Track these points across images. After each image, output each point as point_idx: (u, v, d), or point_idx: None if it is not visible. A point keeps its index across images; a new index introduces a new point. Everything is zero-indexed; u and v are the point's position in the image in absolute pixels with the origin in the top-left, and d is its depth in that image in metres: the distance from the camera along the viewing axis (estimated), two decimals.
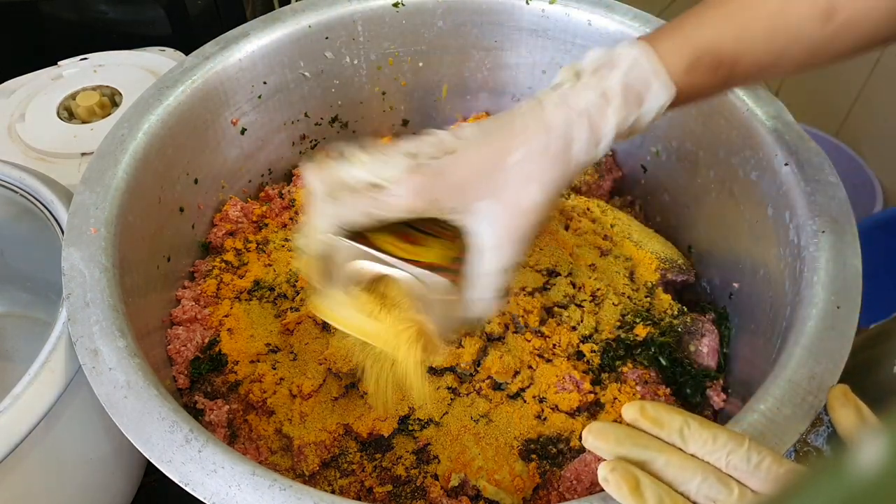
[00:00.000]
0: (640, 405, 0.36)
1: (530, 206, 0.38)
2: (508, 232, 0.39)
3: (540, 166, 0.39)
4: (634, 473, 0.34)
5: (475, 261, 0.39)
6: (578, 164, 0.40)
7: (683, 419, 0.35)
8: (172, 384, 0.52)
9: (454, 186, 0.39)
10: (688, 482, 0.34)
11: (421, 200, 0.38)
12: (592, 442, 0.35)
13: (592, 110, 0.39)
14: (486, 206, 0.38)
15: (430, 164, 0.39)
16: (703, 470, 0.34)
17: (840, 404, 0.38)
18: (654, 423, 0.35)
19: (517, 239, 0.39)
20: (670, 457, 0.34)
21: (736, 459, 0.34)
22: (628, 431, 0.35)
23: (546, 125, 0.39)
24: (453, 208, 0.39)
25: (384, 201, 0.39)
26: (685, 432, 0.35)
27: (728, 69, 0.41)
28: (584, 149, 0.39)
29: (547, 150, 0.39)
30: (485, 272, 0.39)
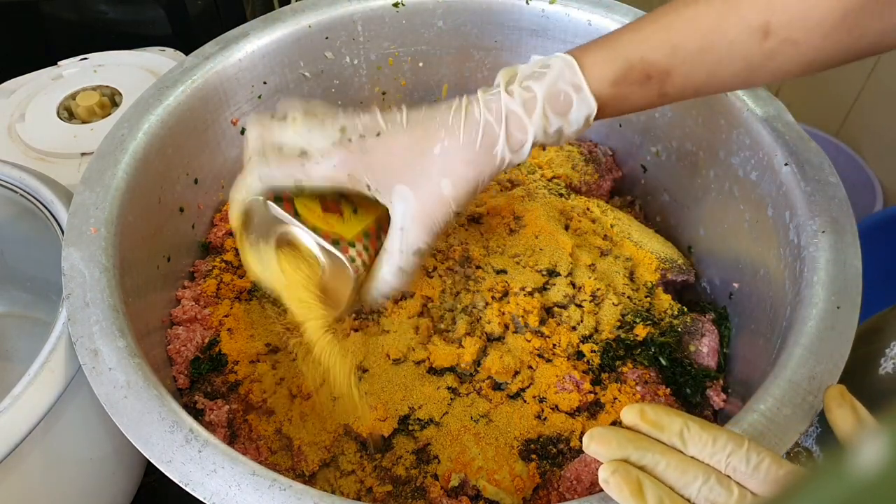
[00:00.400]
0: (640, 408, 0.36)
1: (446, 196, 0.41)
2: (422, 218, 0.41)
3: (460, 160, 0.41)
4: (635, 475, 0.34)
5: (390, 238, 0.43)
6: (501, 161, 0.42)
7: (683, 421, 0.35)
8: (172, 384, 0.52)
9: (376, 167, 0.41)
10: (689, 484, 0.34)
11: (343, 175, 0.42)
12: (594, 448, 0.35)
13: (513, 117, 0.41)
14: (404, 190, 0.41)
15: (357, 142, 0.42)
16: (704, 472, 0.34)
17: (837, 405, 0.38)
18: (653, 426, 0.36)
19: (430, 225, 0.42)
20: (671, 459, 0.34)
21: (736, 461, 0.34)
22: (629, 435, 0.35)
23: (470, 125, 0.41)
24: (374, 186, 0.42)
25: (309, 169, 0.42)
26: (685, 435, 0.35)
27: (658, 82, 0.42)
28: (505, 150, 0.42)
29: (467, 148, 0.41)
30: (396, 250, 0.43)
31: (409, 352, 0.52)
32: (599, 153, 0.71)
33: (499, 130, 0.41)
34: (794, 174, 0.51)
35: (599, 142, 0.72)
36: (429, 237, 0.42)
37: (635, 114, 0.67)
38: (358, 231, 0.45)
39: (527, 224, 0.58)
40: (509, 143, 0.42)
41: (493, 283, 0.54)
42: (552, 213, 0.59)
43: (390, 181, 0.42)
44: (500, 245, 0.58)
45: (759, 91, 0.57)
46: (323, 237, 0.43)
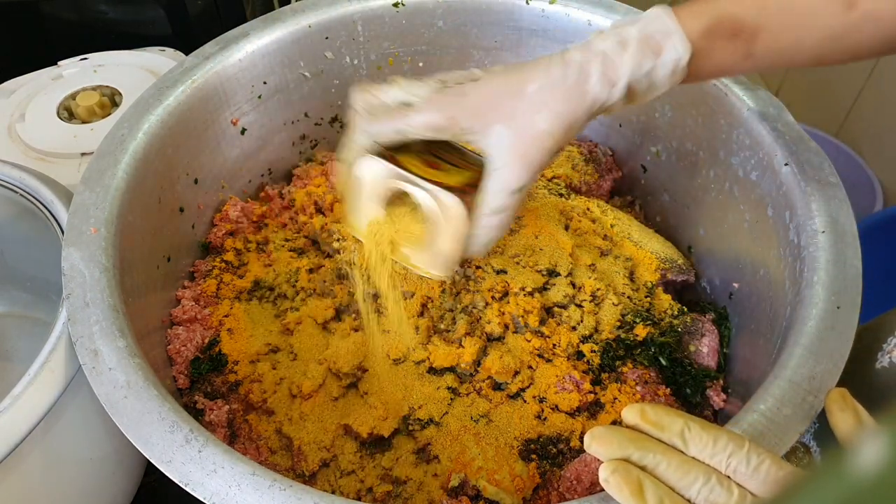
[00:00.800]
0: (641, 408, 0.36)
1: (542, 131, 0.41)
2: (520, 153, 0.41)
3: (554, 96, 0.41)
4: (636, 475, 0.34)
5: (487, 180, 0.42)
6: (595, 100, 0.42)
7: (684, 422, 0.35)
8: (172, 384, 0.52)
9: (473, 107, 0.42)
10: (689, 485, 0.34)
11: (442, 117, 0.42)
12: (596, 448, 0.35)
13: (609, 52, 0.42)
14: (501, 128, 0.41)
15: (454, 88, 0.43)
16: (705, 472, 0.34)
17: (838, 408, 0.38)
18: (655, 426, 0.36)
19: (527, 162, 0.42)
20: (671, 459, 0.34)
21: (736, 462, 0.34)
22: (630, 435, 0.35)
23: (564, 62, 0.42)
24: (471, 128, 0.42)
25: (412, 118, 0.43)
26: (686, 435, 0.35)
27: (746, 41, 0.42)
28: (600, 86, 0.42)
29: (562, 83, 0.42)
30: (494, 190, 0.42)
31: (409, 352, 0.52)
32: (599, 153, 0.71)
33: (592, 68, 0.42)
34: (794, 174, 0.51)
35: (599, 142, 0.72)
36: (526, 174, 0.42)
37: (635, 114, 0.67)
38: (461, 181, 0.45)
39: (527, 224, 0.58)
40: (604, 78, 0.42)
41: (493, 283, 0.54)
42: (552, 213, 0.59)
43: (486, 120, 0.42)
44: (500, 245, 0.58)
45: (759, 91, 0.57)
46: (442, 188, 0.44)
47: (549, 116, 0.41)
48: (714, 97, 0.59)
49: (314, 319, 0.56)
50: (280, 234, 0.63)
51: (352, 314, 0.56)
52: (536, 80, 0.42)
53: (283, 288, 0.58)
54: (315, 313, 0.56)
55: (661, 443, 0.35)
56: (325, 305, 0.56)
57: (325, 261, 0.60)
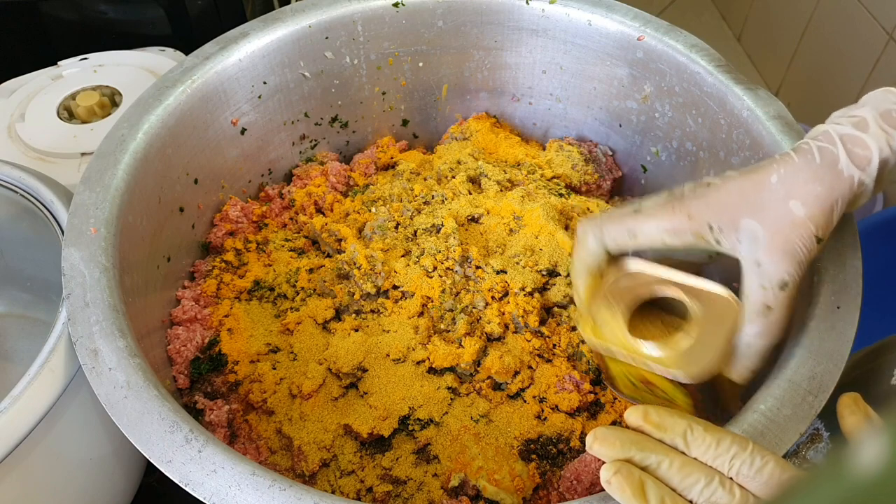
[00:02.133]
0: (644, 410, 0.36)
1: (798, 218, 0.38)
2: (779, 245, 0.39)
3: (802, 181, 0.39)
4: (638, 476, 0.34)
5: (748, 280, 0.39)
6: (852, 180, 0.39)
7: (687, 423, 0.35)
8: (172, 384, 0.52)
9: (715, 204, 0.40)
10: (691, 486, 0.34)
11: (680, 217, 0.40)
12: (598, 448, 0.35)
13: (848, 137, 0.39)
14: (751, 222, 0.39)
15: (689, 193, 0.41)
16: (707, 474, 0.34)
17: (850, 412, 0.37)
18: (657, 428, 0.35)
19: (788, 252, 0.39)
20: (673, 460, 0.34)
21: (739, 463, 0.34)
22: (632, 436, 0.35)
23: (802, 151, 0.40)
24: (716, 226, 0.40)
25: (643, 220, 0.41)
26: (689, 437, 0.35)
27: None
28: (851, 167, 0.39)
29: (808, 166, 0.39)
30: (756, 287, 0.39)
31: (409, 352, 0.52)
32: (599, 153, 0.71)
33: (836, 150, 0.39)
34: None
35: (599, 142, 0.72)
36: (791, 266, 0.38)
37: (635, 114, 0.67)
38: None
39: (527, 224, 0.58)
40: (853, 161, 0.39)
41: (493, 283, 0.54)
42: (552, 213, 0.59)
43: (732, 215, 0.39)
44: (500, 245, 0.58)
45: (759, 91, 0.57)
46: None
47: (803, 201, 0.38)
48: (714, 97, 0.59)
49: (314, 319, 0.56)
50: (280, 234, 0.63)
51: (352, 314, 0.56)
52: (777, 171, 0.40)
53: (283, 288, 0.58)
54: (315, 313, 0.56)
55: (663, 444, 0.35)
56: (325, 305, 0.56)
57: (325, 261, 0.60)
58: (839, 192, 0.39)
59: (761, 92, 0.57)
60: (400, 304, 0.55)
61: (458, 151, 0.68)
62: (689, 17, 1.83)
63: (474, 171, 0.65)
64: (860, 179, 0.39)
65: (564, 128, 0.74)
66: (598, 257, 0.44)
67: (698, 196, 0.41)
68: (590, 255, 0.44)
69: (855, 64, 1.26)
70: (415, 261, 0.56)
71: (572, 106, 0.71)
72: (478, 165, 0.66)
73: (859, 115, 0.40)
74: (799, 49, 1.44)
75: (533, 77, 0.71)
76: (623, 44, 0.64)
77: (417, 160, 0.70)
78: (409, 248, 0.58)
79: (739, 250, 0.40)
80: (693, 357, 0.40)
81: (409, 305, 0.54)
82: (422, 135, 0.76)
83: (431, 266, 0.55)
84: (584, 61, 0.67)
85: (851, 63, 1.27)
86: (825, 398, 0.39)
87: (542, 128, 0.75)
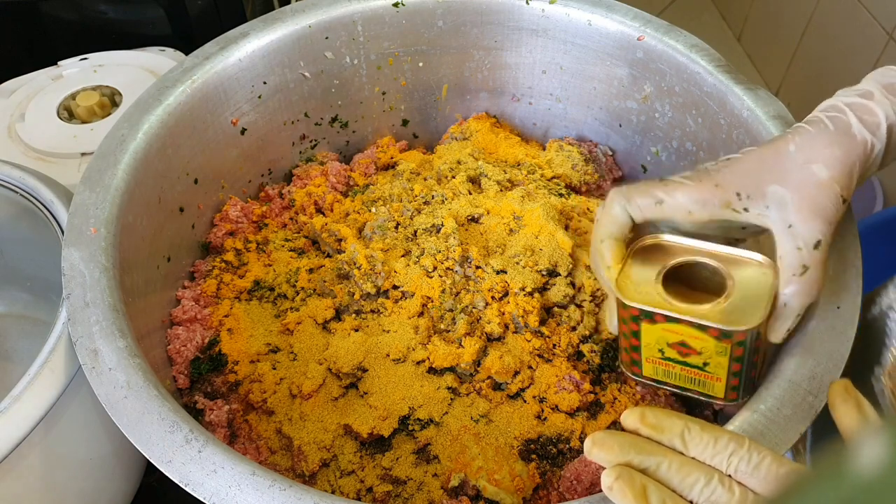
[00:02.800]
0: (640, 412, 0.36)
1: (823, 180, 0.40)
2: (808, 206, 0.40)
3: (820, 146, 0.41)
4: (639, 480, 0.34)
5: (782, 243, 0.40)
6: (866, 143, 0.41)
7: (684, 423, 0.35)
8: (172, 384, 0.52)
9: (740, 172, 0.41)
10: (691, 486, 0.34)
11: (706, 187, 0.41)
12: (596, 453, 0.35)
13: (855, 106, 0.41)
14: (778, 188, 0.40)
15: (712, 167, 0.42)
16: (706, 473, 0.34)
17: (842, 400, 0.37)
18: (654, 429, 0.36)
19: (820, 212, 0.40)
20: (672, 461, 0.34)
21: (737, 460, 0.34)
22: (630, 439, 0.35)
23: (811, 121, 0.42)
24: (745, 195, 0.41)
25: (672, 189, 0.41)
26: (686, 436, 0.35)
27: None
28: (864, 131, 0.40)
29: (822, 134, 0.41)
30: (792, 249, 0.40)
31: (409, 352, 0.52)
32: (599, 153, 0.71)
33: (847, 117, 0.41)
34: None
35: (599, 142, 0.72)
36: (822, 224, 0.39)
37: (635, 114, 0.67)
38: None
39: (527, 224, 0.58)
40: (863, 124, 0.41)
41: (493, 283, 0.54)
42: (552, 213, 0.59)
43: (759, 182, 0.40)
44: (500, 245, 0.58)
45: (759, 91, 0.57)
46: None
47: (825, 164, 0.40)
48: (714, 97, 0.59)
49: (314, 319, 0.56)
50: (280, 234, 0.63)
51: (352, 314, 0.56)
52: (793, 141, 0.41)
53: (283, 288, 0.58)
54: (315, 313, 0.56)
55: (661, 446, 0.35)
56: (325, 305, 0.56)
57: (325, 261, 0.60)
58: (856, 154, 0.40)
59: (761, 92, 0.57)
60: (400, 304, 0.55)
61: (458, 151, 0.68)
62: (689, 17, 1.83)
63: (474, 171, 0.65)
64: (872, 143, 0.41)
65: (564, 128, 0.74)
66: (624, 226, 0.43)
67: (722, 168, 0.42)
68: (614, 222, 0.43)
69: (855, 64, 1.26)
70: (415, 261, 0.56)
71: (572, 106, 0.71)
72: (478, 165, 0.66)
73: (864, 88, 0.42)
74: (799, 49, 1.44)
75: (533, 77, 0.71)
76: (623, 44, 0.64)
77: (417, 160, 0.70)
78: (409, 248, 0.58)
79: (769, 216, 0.41)
80: (739, 314, 0.40)
81: (409, 305, 0.54)
82: (422, 135, 0.76)
83: (431, 266, 0.55)
84: (584, 61, 0.67)
85: (851, 63, 1.27)
86: (825, 398, 0.39)
87: (542, 128, 0.75)
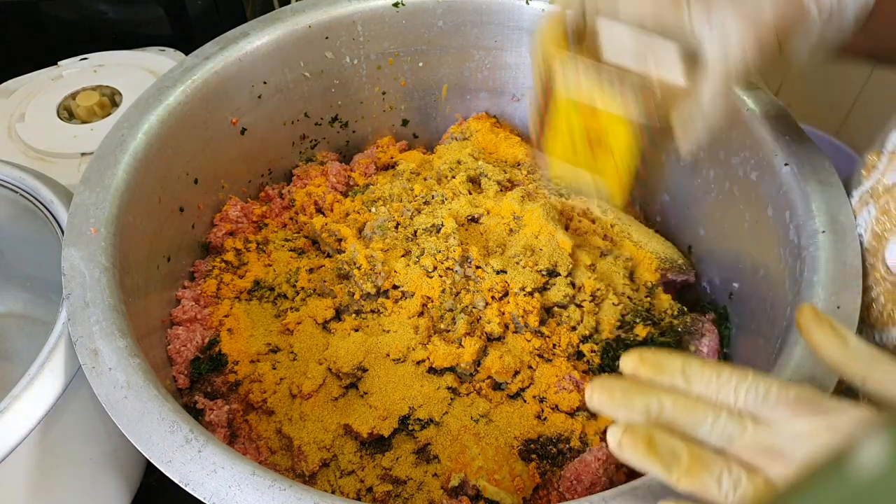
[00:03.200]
0: (638, 352, 0.35)
1: (766, 21, 0.40)
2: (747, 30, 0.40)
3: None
4: (643, 431, 0.32)
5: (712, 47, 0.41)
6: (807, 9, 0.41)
7: (683, 360, 0.34)
8: (172, 384, 0.52)
9: None
10: (699, 424, 0.32)
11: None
12: (598, 399, 0.34)
13: None
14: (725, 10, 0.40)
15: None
16: (713, 410, 0.33)
17: (816, 325, 0.36)
18: (654, 368, 0.34)
19: (755, 40, 0.40)
20: (676, 401, 0.33)
21: (744, 391, 0.33)
22: (631, 382, 0.34)
23: None
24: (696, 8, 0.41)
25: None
26: (687, 373, 0.34)
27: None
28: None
29: None
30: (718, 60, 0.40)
31: (409, 352, 0.52)
32: None
33: None
34: (794, 174, 0.51)
35: None
36: (755, 53, 0.40)
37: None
38: None
39: (527, 224, 0.58)
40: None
41: (493, 283, 0.54)
42: (552, 213, 0.59)
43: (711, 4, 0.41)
44: (500, 245, 0.58)
45: (759, 91, 0.57)
46: None
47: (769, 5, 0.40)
48: None
49: (314, 319, 0.56)
50: (280, 234, 0.63)
51: (352, 314, 0.56)
52: None
53: (283, 288, 0.58)
54: (315, 313, 0.56)
55: (662, 388, 0.34)
56: (325, 305, 0.56)
57: (325, 261, 0.60)
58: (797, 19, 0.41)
59: (761, 92, 0.57)
60: (400, 304, 0.55)
61: (458, 151, 0.68)
62: None
63: (474, 171, 0.65)
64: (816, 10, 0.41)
65: None
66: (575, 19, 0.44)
67: None
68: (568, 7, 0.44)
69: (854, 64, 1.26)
70: (415, 261, 0.56)
71: None
72: (478, 165, 0.66)
73: None
74: None
75: (533, 77, 0.71)
76: None
77: (417, 160, 0.70)
78: (409, 248, 0.58)
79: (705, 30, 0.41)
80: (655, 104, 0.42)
81: (409, 305, 0.54)
82: (422, 135, 0.76)
83: (431, 266, 0.55)
84: None
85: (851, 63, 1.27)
86: None
87: None
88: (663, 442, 0.32)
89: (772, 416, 0.32)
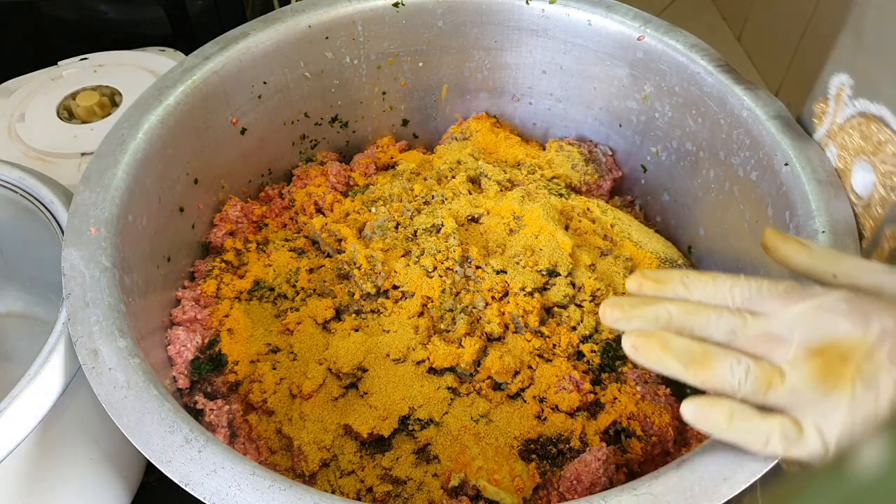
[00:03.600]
0: (639, 272, 0.39)
1: None
2: None
3: None
4: (657, 335, 0.35)
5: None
6: None
7: (680, 272, 0.38)
8: (172, 384, 0.52)
9: None
10: (703, 324, 0.36)
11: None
12: (610, 313, 0.37)
13: None
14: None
15: None
16: (715, 310, 0.36)
17: (780, 241, 0.40)
18: (656, 282, 0.38)
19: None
20: (681, 307, 0.36)
21: (738, 291, 0.36)
22: (639, 297, 0.37)
23: None
24: None
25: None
26: (686, 281, 0.37)
27: None
28: None
29: None
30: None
31: (409, 352, 0.52)
32: (599, 153, 0.71)
33: None
34: (794, 174, 0.51)
35: (599, 142, 0.72)
36: None
37: (635, 114, 0.67)
38: None
39: (527, 224, 0.58)
40: None
41: (493, 283, 0.54)
42: (552, 213, 0.59)
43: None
44: (500, 245, 0.58)
45: (759, 91, 0.57)
46: None
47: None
48: (714, 97, 0.59)
49: (314, 319, 0.56)
50: (280, 234, 0.63)
51: (352, 314, 0.56)
52: None
53: (283, 288, 0.58)
54: (315, 313, 0.56)
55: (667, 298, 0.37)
56: (325, 305, 0.56)
57: (325, 261, 0.60)
58: None
59: (761, 92, 0.57)
60: (400, 304, 0.55)
61: (458, 151, 0.68)
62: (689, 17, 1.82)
63: (474, 171, 0.65)
64: None
65: (564, 128, 0.74)
66: None
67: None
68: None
69: None
70: (415, 261, 0.56)
71: (572, 106, 0.71)
72: (478, 165, 0.66)
73: None
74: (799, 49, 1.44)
75: (533, 77, 0.71)
76: (623, 44, 0.64)
77: (417, 160, 0.70)
78: (409, 248, 0.58)
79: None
80: None
81: (409, 305, 0.54)
82: (422, 135, 0.76)
83: (431, 266, 0.55)
84: (584, 61, 0.67)
85: None
86: None
87: (542, 128, 0.75)
88: (675, 342, 0.35)
89: (767, 308, 0.36)
